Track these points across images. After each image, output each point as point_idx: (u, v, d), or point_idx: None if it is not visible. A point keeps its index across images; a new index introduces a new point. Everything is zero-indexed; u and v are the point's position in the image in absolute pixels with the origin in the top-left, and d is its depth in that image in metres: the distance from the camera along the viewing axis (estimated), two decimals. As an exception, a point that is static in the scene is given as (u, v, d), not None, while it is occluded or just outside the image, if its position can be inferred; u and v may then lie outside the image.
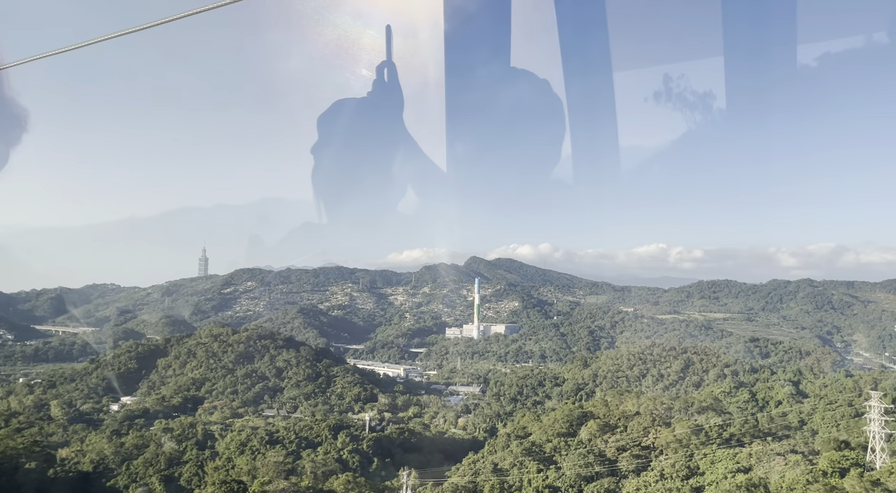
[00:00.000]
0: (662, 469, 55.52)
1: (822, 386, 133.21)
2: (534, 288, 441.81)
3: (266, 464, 68.06)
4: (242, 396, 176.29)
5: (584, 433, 69.29)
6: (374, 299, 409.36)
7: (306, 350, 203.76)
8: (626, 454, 62.16)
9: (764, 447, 55.49)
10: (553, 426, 73.34)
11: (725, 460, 54.18)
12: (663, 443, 62.03)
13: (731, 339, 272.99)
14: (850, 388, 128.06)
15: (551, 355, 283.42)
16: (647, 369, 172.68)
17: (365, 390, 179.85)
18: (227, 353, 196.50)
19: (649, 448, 63.35)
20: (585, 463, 60.19)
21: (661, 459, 59.19)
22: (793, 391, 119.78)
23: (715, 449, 58.15)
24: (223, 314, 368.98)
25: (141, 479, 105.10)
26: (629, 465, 60.35)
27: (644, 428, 66.35)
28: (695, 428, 63.57)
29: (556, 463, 63.40)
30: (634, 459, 60.96)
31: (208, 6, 6.61)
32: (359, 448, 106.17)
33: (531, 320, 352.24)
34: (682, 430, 62.65)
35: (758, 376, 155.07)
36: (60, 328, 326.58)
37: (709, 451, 57.94)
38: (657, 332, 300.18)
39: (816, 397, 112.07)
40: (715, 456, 56.26)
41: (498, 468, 65.66)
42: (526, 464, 63.22)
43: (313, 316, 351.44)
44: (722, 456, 55.46)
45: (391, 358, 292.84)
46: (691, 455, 58.07)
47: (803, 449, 55.10)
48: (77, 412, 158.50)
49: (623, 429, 68.19)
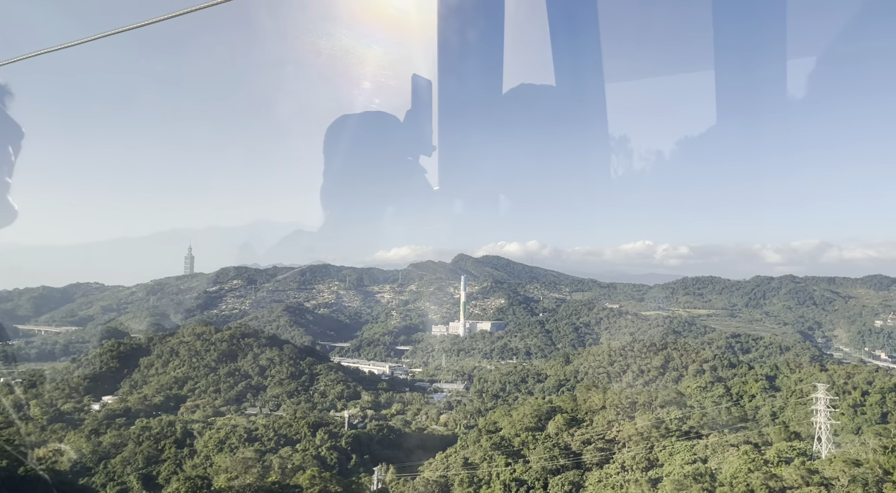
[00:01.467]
0: (623, 462, 56.61)
1: (797, 381, 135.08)
2: (520, 285, 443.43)
3: (234, 460, 68.40)
4: (225, 394, 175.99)
5: (552, 428, 70.33)
6: (361, 296, 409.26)
7: (289, 348, 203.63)
8: (590, 448, 63.24)
9: (720, 438, 56.73)
10: (522, 421, 74.36)
11: (683, 451, 55.34)
12: (626, 436, 63.20)
13: (714, 335, 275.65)
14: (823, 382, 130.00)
15: (536, 352, 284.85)
16: (628, 365, 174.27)
17: (348, 388, 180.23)
18: (209, 352, 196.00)
19: (612, 441, 64.50)
20: (551, 456, 61.19)
21: (623, 451, 60.32)
22: (766, 386, 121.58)
23: (674, 442, 59.36)
24: (209, 313, 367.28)
25: (118, 477, 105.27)
26: (593, 458, 61.41)
27: (608, 422, 67.49)
28: (656, 422, 64.78)
29: (524, 457, 64.32)
30: (598, 452, 62.03)
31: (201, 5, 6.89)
32: (337, 445, 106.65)
33: (517, 317, 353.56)
34: (643, 423, 63.85)
35: (735, 372, 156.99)
36: (43, 328, 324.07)
37: (668, 443, 59.14)
38: (641, 328, 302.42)
39: (789, 391, 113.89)
40: (673, 448, 57.43)
41: (468, 462, 66.47)
42: (495, 458, 64.12)
43: (299, 314, 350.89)
44: (680, 448, 56.63)
45: (377, 356, 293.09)
46: (651, 448, 59.24)
47: (757, 441, 56.36)
48: (57, 411, 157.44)
49: (589, 423, 69.33)
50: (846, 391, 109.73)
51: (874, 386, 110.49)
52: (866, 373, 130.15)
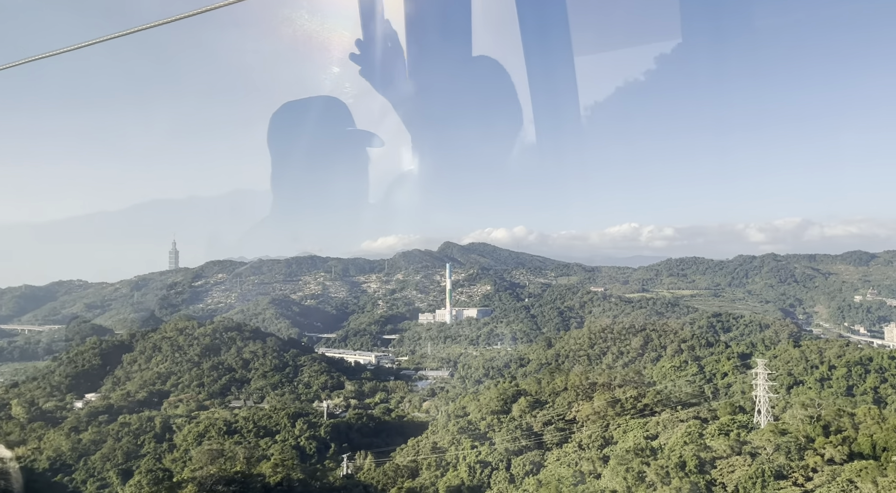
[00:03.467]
0: (580, 440, 58.00)
1: (771, 357, 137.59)
2: (506, 271, 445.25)
3: (199, 452, 69.19)
4: (209, 388, 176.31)
5: (516, 410, 71.76)
6: (347, 287, 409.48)
7: (273, 341, 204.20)
8: (550, 428, 64.64)
9: (671, 415, 58.23)
10: (488, 405, 75.71)
11: (636, 429, 56.79)
12: (584, 416, 64.65)
13: (696, 315, 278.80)
14: (796, 358, 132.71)
15: (521, 337, 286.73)
16: (608, 346, 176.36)
17: (332, 379, 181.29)
18: (192, 346, 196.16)
19: (572, 421, 65.94)
20: (513, 438, 62.53)
21: (581, 431, 61.77)
22: (738, 363, 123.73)
23: (628, 420, 60.84)
24: (194, 307, 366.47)
25: (98, 474, 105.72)
26: (553, 438, 62.84)
27: (569, 403, 68.93)
28: (612, 401, 66.20)
29: (490, 439, 65.63)
30: (558, 432, 63.47)
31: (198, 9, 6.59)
32: (316, 435, 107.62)
33: (503, 303, 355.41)
34: (599, 403, 65.30)
35: (712, 351, 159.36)
36: (26, 327, 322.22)
37: (622, 421, 60.61)
38: (625, 311, 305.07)
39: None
40: (627, 426, 58.90)
41: (437, 446, 67.69)
42: (462, 442, 65.36)
43: (285, 306, 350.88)
44: (633, 425, 58.12)
45: (364, 346, 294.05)
46: (607, 426, 60.68)
47: (707, 416, 57.98)
48: (39, 410, 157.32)
49: (551, 405, 70.77)
50: (814, 366, 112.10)
51: (841, 360, 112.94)
52: (837, 348, 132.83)
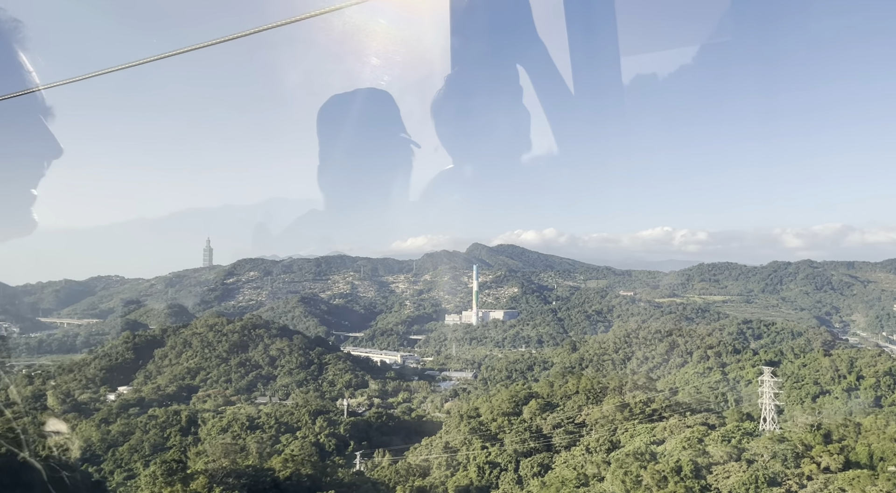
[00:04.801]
0: (588, 444, 58.04)
1: (800, 366, 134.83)
2: (534, 274, 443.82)
3: (213, 445, 71.07)
4: (236, 384, 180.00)
5: (526, 412, 71.96)
6: (376, 287, 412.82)
7: (299, 339, 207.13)
8: (559, 431, 64.70)
9: (679, 421, 57.79)
10: (500, 407, 76.03)
11: (644, 433, 56.57)
12: (593, 420, 64.56)
13: (726, 321, 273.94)
14: (825, 367, 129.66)
15: (548, 340, 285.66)
16: (633, 351, 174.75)
17: (356, 377, 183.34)
18: (221, 342, 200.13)
19: (581, 425, 65.93)
20: (522, 440, 62.83)
21: (590, 434, 61.77)
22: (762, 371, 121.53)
23: (636, 424, 60.59)
24: (226, 304, 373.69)
25: (125, 464, 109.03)
26: (562, 441, 62.93)
27: (579, 406, 68.88)
28: (621, 405, 65.94)
29: (500, 441, 66.02)
30: (567, 435, 63.49)
31: (244, 31, 6.66)
32: (335, 432, 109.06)
33: (530, 306, 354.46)
34: (608, 407, 65.15)
35: (739, 358, 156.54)
36: (65, 320, 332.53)
37: (630, 426, 60.38)
38: (653, 315, 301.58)
39: (784, 377, 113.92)
40: (635, 431, 58.66)
41: (449, 446, 68.34)
42: (473, 442, 65.92)
43: (314, 305, 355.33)
44: (641, 430, 57.87)
45: (390, 345, 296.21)
46: (615, 430, 60.54)
47: (715, 422, 57.41)
48: (74, 401, 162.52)
49: (562, 408, 70.77)
50: (842, 376, 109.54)
51: (871, 370, 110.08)
52: (869, 357, 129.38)
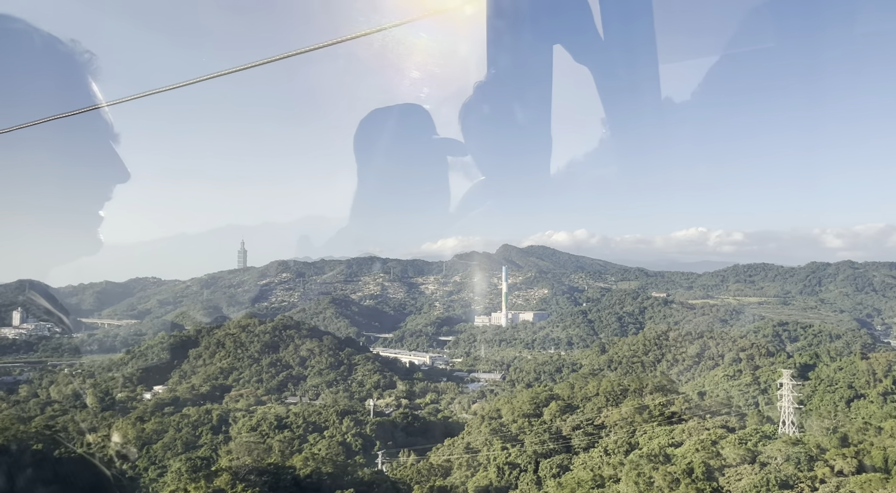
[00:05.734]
0: (606, 446, 57.81)
1: (835, 369, 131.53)
2: (565, 275, 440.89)
3: (238, 444, 72.69)
4: (267, 384, 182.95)
5: (547, 414, 71.94)
6: (406, 288, 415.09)
7: (329, 339, 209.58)
8: (578, 432, 64.55)
9: (698, 423, 57.12)
10: (520, 408, 76.13)
11: (662, 436, 56.08)
12: (612, 422, 64.22)
13: (761, 323, 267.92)
14: (862, 371, 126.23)
15: (578, 342, 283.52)
16: (663, 354, 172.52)
17: (384, 378, 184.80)
18: (253, 343, 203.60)
19: (600, 427, 65.65)
20: (542, 441, 62.86)
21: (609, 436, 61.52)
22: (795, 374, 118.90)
23: (654, 426, 60.08)
24: (259, 305, 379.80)
25: (159, 462, 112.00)
26: (581, 442, 62.79)
27: (598, 408, 68.57)
28: (640, 407, 65.42)
29: (520, 442, 66.16)
30: (586, 436, 63.32)
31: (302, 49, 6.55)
32: (362, 432, 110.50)
33: (560, 307, 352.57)
34: (627, 409, 64.72)
35: (773, 360, 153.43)
36: (105, 321, 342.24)
37: (648, 428, 59.92)
38: (686, 317, 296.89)
39: (817, 380, 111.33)
40: (654, 433, 58.18)
41: (470, 447, 68.79)
42: (493, 443, 66.23)
43: (345, 306, 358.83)
44: (660, 432, 57.38)
45: (420, 346, 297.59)
46: (633, 432, 60.14)
47: (734, 425, 56.63)
48: (112, 400, 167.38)
49: (581, 409, 70.57)
50: (878, 379, 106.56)
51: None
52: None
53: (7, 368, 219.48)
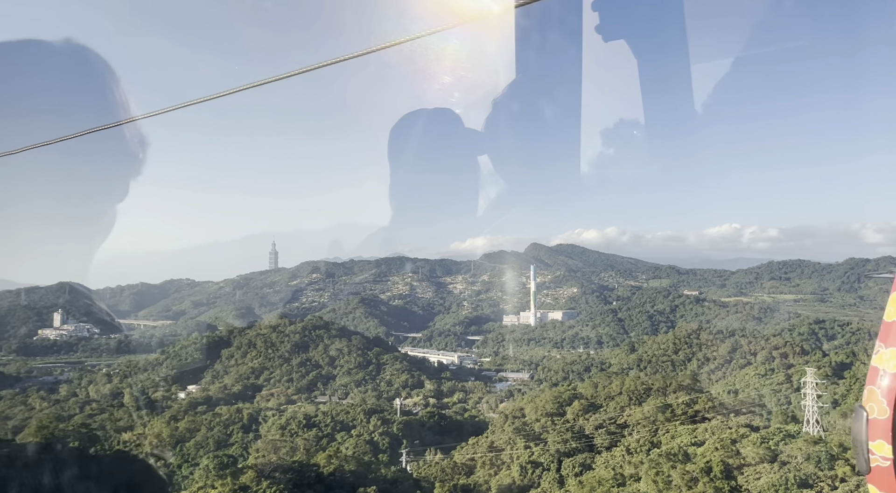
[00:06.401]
0: (628, 445, 57.39)
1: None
2: (595, 274, 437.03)
3: (264, 442, 74.01)
4: (297, 383, 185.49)
5: (570, 413, 71.71)
6: (434, 287, 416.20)
7: (358, 339, 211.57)
8: (601, 431, 64.18)
9: (722, 422, 56.34)
10: (544, 407, 76.01)
11: (685, 435, 55.44)
12: (634, 420, 63.71)
13: (796, 321, 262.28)
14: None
15: (607, 341, 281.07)
16: (693, 352, 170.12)
17: (412, 377, 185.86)
18: (284, 343, 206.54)
19: (623, 426, 65.18)
20: (564, 440, 62.72)
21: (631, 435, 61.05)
22: (829, 373, 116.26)
23: (677, 425, 59.42)
24: (290, 306, 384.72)
25: (192, 459, 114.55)
26: (604, 441, 62.44)
27: (621, 407, 68.08)
28: (663, 406, 64.73)
29: (543, 441, 66.09)
30: (609, 435, 62.94)
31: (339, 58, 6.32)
32: (389, 431, 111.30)
33: (589, 306, 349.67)
34: (650, 408, 64.15)
35: (807, 359, 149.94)
36: (142, 322, 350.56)
37: (671, 427, 59.28)
38: (718, 315, 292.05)
39: (852, 379, 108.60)
40: (676, 432, 57.53)
41: (493, 446, 68.99)
42: (516, 442, 66.32)
43: (374, 306, 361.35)
44: (682, 431, 56.71)
45: (448, 346, 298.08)
46: (656, 431, 59.56)
47: (759, 424, 55.66)
48: (148, 399, 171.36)
49: (605, 408, 70.14)
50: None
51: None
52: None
53: (48, 368, 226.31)
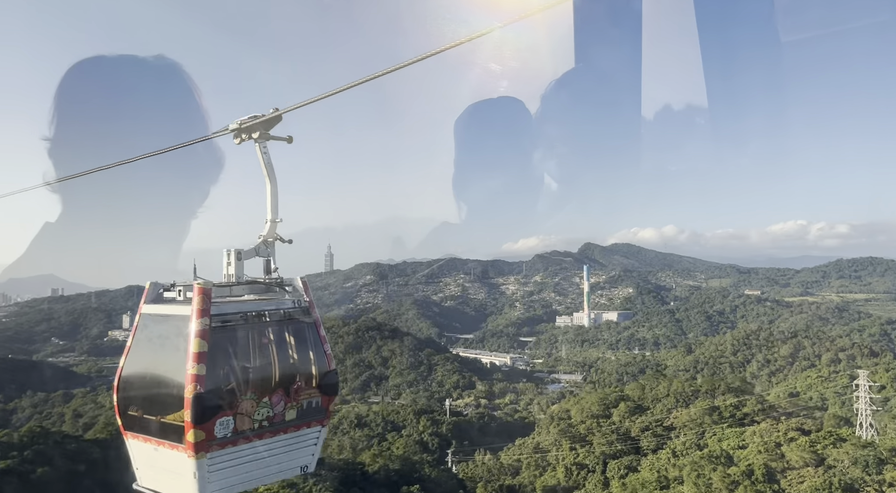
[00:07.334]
0: (674, 447, 56.18)
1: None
2: (651, 273, 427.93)
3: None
4: (351, 384, 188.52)
5: (616, 415, 70.60)
6: (486, 288, 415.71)
7: (409, 340, 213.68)
8: (647, 434, 62.99)
9: (771, 425, 54.35)
10: (589, 409, 75.01)
11: (732, 438, 53.85)
12: (681, 423, 62.21)
13: (866, 322, 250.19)
14: None
15: (664, 342, 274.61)
16: (753, 354, 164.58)
17: (463, 378, 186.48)
18: (338, 344, 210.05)
19: (670, 428, 63.76)
20: (609, 442, 61.91)
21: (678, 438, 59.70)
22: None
23: (725, 428, 57.71)
24: (345, 307, 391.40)
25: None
26: (649, 443, 61.28)
27: (668, 409, 66.57)
28: (710, 409, 62.92)
29: (589, 442, 65.37)
30: (655, 438, 61.70)
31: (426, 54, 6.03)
32: (438, 431, 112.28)
33: (646, 307, 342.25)
34: (697, 410, 62.48)
35: (877, 361, 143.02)
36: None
37: (718, 430, 57.63)
38: (782, 315, 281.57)
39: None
40: (724, 434, 55.92)
41: (539, 447, 68.75)
42: (562, 443, 65.85)
43: (427, 307, 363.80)
44: (730, 434, 55.10)
45: (500, 347, 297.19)
46: (702, 434, 58.03)
47: (810, 427, 53.36)
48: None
49: (651, 410, 68.77)
50: None
51: None
52: None
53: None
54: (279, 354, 7.58)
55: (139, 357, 7.39)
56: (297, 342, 7.90)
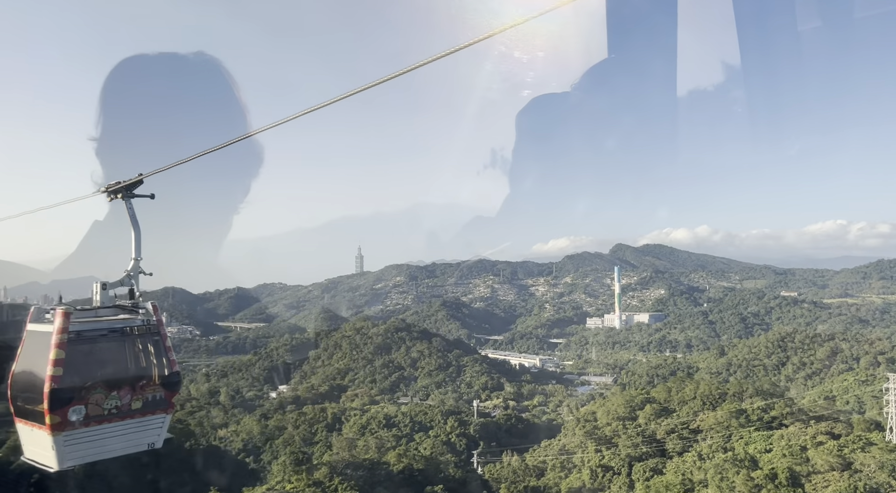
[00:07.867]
0: (700, 450, 55.51)
1: None
2: (684, 274, 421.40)
3: (339, 440, 76.69)
4: (380, 384, 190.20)
5: (642, 417, 69.99)
6: (515, 290, 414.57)
7: (438, 341, 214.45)
8: (672, 436, 62.30)
9: (800, 428, 53.22)
10: (615, 411, 74.51)
11: (759, 441, 52.93)
12: (707, 425, 61.36)
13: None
14: None
15: (697, 345, 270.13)
16: (788, 357, 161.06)
17: (492, 380, 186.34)
18: (367, 345, 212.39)
19: (696, 431, 62.95)
20: (635, 444, 61.47)
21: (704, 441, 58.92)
22: None
23: (751, 431, 56.72)
24: (375, 308, 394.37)
25: (279, 456, 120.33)
26: (675, 446, 60.63)
27: (694, 412, 65.70)
28: (737, 412, 61.85)
29: (615, 445, 64.99)
30: (681, 440, 61.00)
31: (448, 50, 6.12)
32: (466, 432, 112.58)
33: (678, 308, 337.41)
34: (723, 413, 61.49)
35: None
36: (238, 324, 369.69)
37: (745, 433, 56.68)
38: (819, 317, 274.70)
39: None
40: (750, 438, 54.98)
41: (565, 449, 68.57)
42: (587, 445, 65.61)
43: (456, 308, 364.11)
44: (757, 438, 54.16)
45: (530, 349, 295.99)
46: (729, 437, 57.14)
47: (840, 431, 52.06)
48: (242, 398, 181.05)
49: (677, 413, 67.95)
50: None
51: None
52: None
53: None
54: (128, 359, 10.12)
55: (24, 362, 9.84)
56: (143, 351, 10.39)
